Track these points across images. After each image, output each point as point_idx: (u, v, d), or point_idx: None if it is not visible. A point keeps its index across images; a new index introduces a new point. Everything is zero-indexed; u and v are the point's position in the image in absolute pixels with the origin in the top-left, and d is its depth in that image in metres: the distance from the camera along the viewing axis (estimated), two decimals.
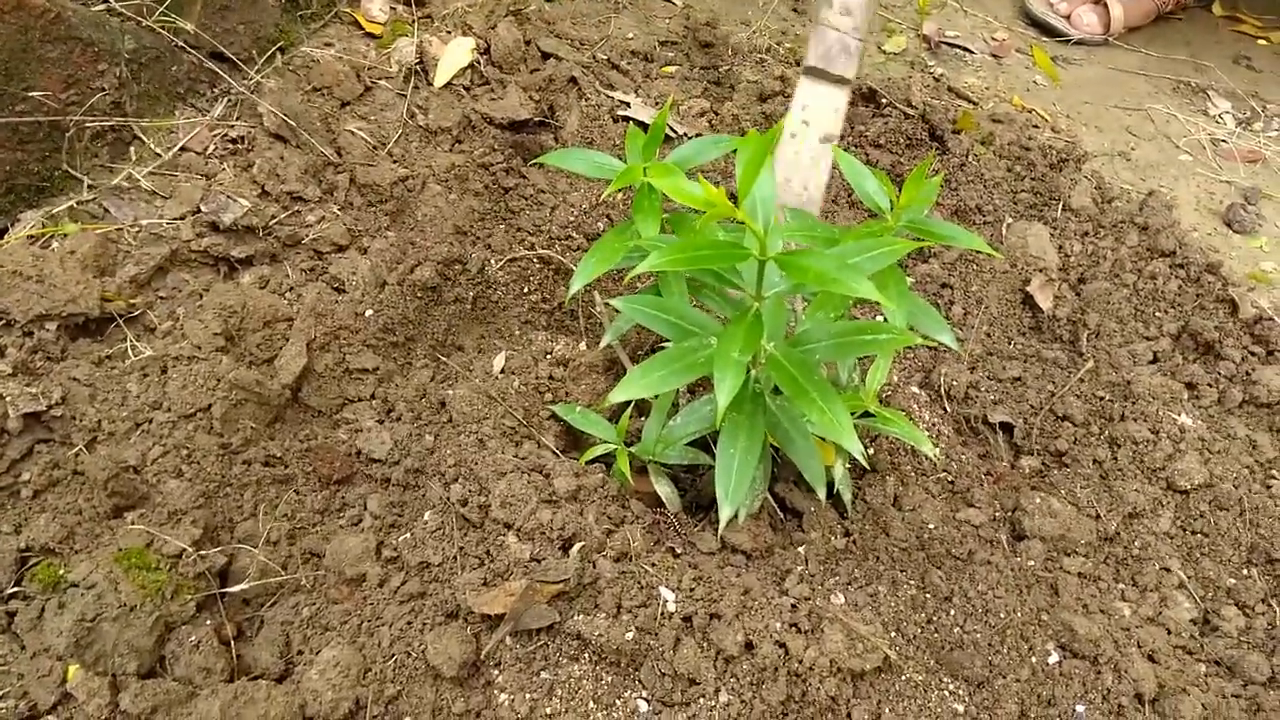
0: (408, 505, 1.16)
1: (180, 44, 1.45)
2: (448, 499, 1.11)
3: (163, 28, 1.44)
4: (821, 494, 1.08)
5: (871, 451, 1.27)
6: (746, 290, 0.91)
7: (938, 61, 2.10)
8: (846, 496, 1.18)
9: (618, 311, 1.07)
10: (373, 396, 1.30)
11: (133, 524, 1.07)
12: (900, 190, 1.03)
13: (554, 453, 1.21)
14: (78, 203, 1.33)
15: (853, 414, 1.13)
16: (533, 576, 0.99)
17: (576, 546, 1.03)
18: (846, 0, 1.46)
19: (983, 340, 1.52)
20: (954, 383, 1.41)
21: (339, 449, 1.23)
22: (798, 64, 1.96)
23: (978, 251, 1.34)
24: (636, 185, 1.07)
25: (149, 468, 1.13)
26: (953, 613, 1.09)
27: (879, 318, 1.39)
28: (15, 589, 1.04)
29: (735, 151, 0.88)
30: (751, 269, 0.89)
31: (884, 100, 1.79)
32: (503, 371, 1.32)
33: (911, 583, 1.11)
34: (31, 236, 1.28)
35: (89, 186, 1.34)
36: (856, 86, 1.82)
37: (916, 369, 1.41)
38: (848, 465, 1.18)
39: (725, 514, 0.94)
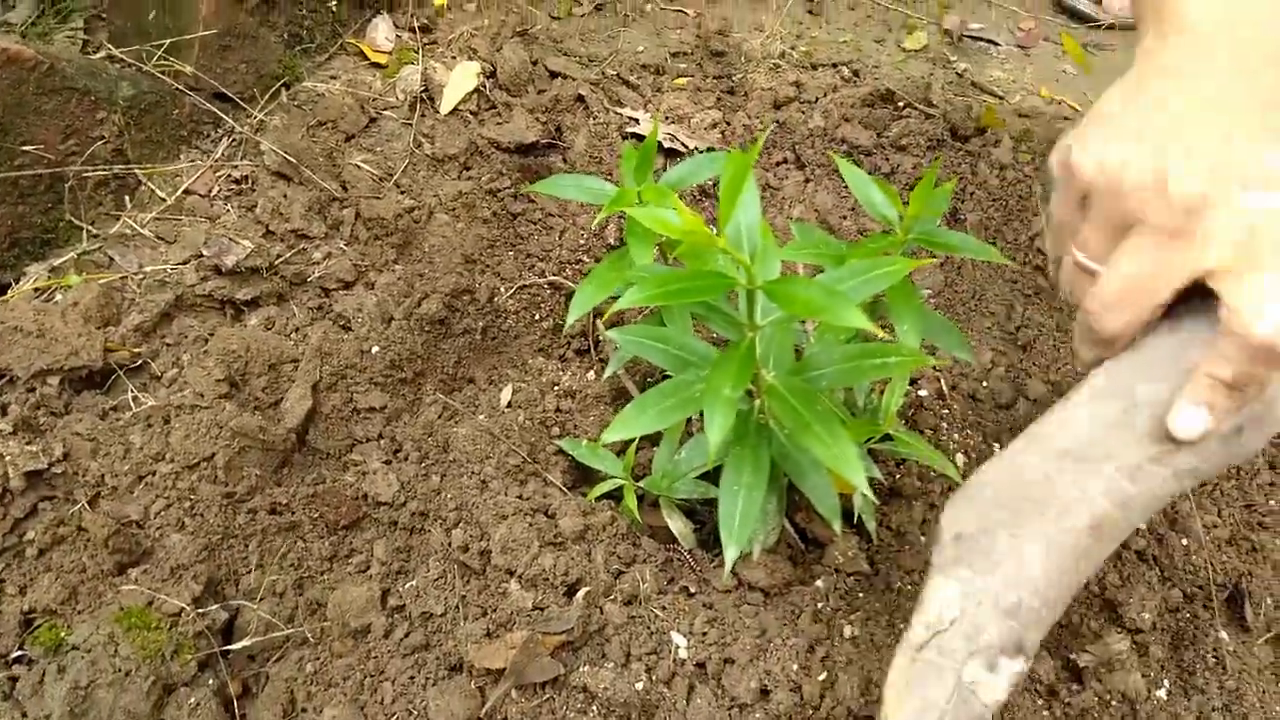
0: (414, 550, 1.13)
1: (180, 87, 1.44)
2: (449, 545, 1.07)
3: (162, 72, 1.43)
4: (837, 527, 1.02)
5: (898, 476, 1.21)
6: (740, 320, 0.86)
7: (961, 56, 2.02)
8: (870, 525, 1.12)
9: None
10: (380, 436, 1.27)
11: (135, 582, 1.05)
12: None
13: (561, 490, 1.16)
14: (82, 253, 1.33)
15: (870, 439, 1.07)
16: (535, 627, 0.95)
17: (582, 592, 0.98)
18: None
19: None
20: (992, 395, 1.34)
21: (346, 493, 1.20)
22: (813, 68, 1.90)
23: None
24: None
25: (152, 521, 1.11)
26: None
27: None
28: (20, 652, 1.02)
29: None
30: (743, 298, 0.84)
31: (902, 101, 1.72)
32: (509, 405, 1.28)
33: None
34: (36, 290, 1.27)
35: (92, 236, 1.33)
36: (873, 89, 1.76)
37: (949, 381, 1.34)
38: (868, 492, 1.12)
39: (730, 556, 0.89)
